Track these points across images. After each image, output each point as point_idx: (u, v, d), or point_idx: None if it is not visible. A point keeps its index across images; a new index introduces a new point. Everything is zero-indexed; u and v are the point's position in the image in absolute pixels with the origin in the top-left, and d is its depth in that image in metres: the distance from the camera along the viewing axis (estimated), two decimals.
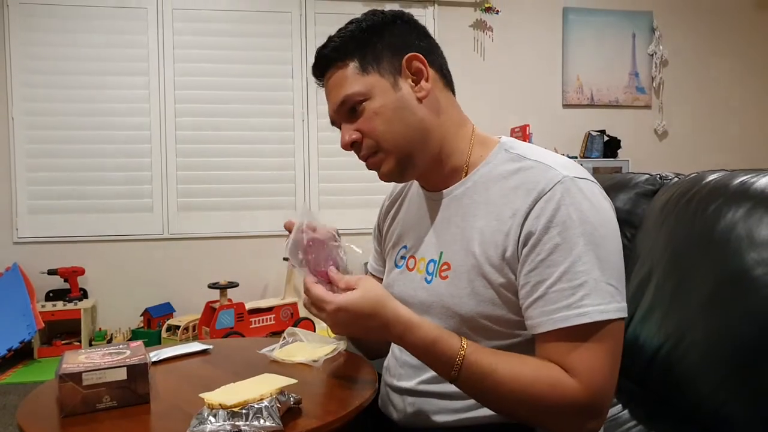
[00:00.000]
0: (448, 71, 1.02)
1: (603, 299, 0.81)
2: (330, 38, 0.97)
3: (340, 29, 0.98)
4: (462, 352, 0.84)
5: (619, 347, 0.85)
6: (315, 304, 0.89)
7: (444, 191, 1.00)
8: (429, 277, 0.98)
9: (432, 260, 0.99)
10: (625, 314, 0.84)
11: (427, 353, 0.86)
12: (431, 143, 0.96)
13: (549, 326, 0.83)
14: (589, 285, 0.81)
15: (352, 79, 0.94)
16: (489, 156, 0.97)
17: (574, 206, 0.84)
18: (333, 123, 1.01)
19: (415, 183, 1.10)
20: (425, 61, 0.95)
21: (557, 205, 0.84)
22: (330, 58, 0.96)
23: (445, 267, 0.96)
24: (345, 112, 0.96)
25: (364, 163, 1.00)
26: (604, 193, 0.90)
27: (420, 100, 0.95)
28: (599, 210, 0.86)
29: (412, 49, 0.95)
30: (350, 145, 0.97)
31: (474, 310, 0.90)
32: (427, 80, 0.95)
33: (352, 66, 0.94)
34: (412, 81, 0.95)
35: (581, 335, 0.81)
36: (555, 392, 0.81)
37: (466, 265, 0.92)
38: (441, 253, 0.97)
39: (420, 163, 0.97)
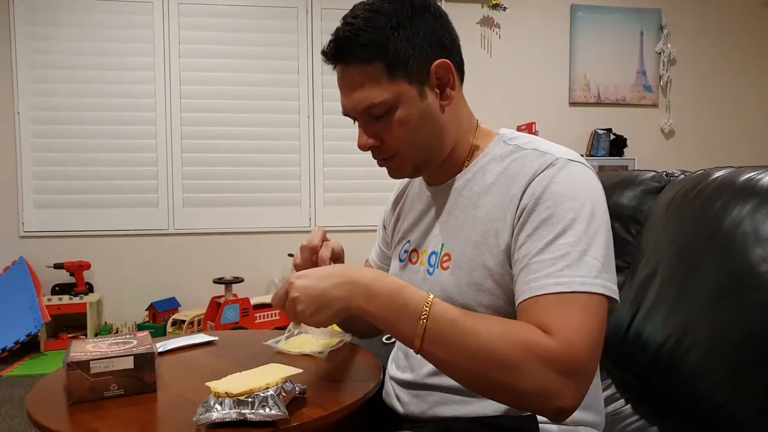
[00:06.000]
0: (463, 63, 0.99)
1: (587, 272, 0.79)
2: (351, 24, 0.89)
3: (361, 14, 0.89)
4: (430, 299, 0.81)
5: (602, 323, 0.79)
6: (284, 292, 0.86)
7: (445, 184, 1.01)
8: (431, 269, 0.99)
9: (434, 252, 1.00)
10: (610, 293, 0.80)
11: (394, 300, 0.81)
12: (446, 146, 0.97)
13: (526, 294, 0.80)
14: (571, 256, 0.79)
15: (379, 84, 0.89)
16: (488, 147, 0.98)
17: (564, 184, 0.84)
18: (346, 114, 0.97)
19: (419, 177, 1.10)
20: (453, 69, 0.93)
21: (547, 183, 0.85)
22: (354, 54, 0.89)
23: (446, 258, 0.96)
24: (367, 115, 0.93)
25: (369, 160, 0.99)
26: (597, 179, 0.90)
27: (443, 108, 0.94)
28: (589, 189, 0.85)
29: (439, 50, 0.92)
30: (367, 147, 0.96)
31: (473, 299, 0.91)
32: (453, 88, 0.94)
33: (379, 69, 0.89)
34: (438, 88, 0.93)
35: (560, 303, 0.77)
36: (528, 341, 0.75)
37: (466, 255, 0.93)
38: (442, 244, 0.98)
39: (434, 164, 0.99)
